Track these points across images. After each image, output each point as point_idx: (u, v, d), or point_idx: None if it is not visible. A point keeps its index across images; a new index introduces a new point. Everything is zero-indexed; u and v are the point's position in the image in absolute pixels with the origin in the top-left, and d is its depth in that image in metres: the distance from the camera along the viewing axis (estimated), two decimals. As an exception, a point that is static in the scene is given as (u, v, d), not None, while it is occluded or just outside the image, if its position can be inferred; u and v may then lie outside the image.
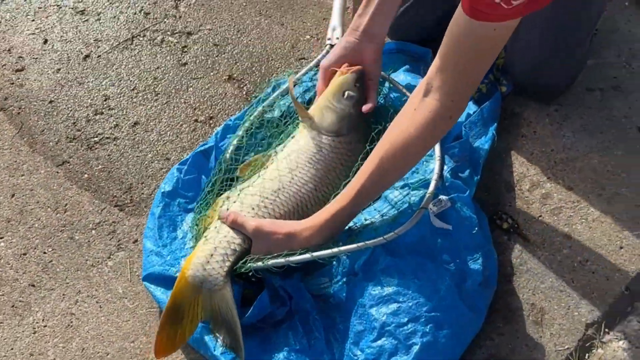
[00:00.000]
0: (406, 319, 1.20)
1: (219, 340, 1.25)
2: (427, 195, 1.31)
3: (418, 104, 1.19)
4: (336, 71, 1.44)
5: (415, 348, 1.18)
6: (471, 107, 1.54)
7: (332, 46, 1.61)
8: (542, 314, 1.35)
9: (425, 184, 1.34)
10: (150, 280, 1.35)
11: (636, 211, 1.46)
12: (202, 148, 1.50)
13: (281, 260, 1.25)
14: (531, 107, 1.62)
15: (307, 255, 1.24)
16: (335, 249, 1.24)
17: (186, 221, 1.42)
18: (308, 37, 1.78)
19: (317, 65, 1.54)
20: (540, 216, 1.46)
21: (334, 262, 1.33)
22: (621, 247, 1.42)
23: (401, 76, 1.57)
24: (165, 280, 1.34)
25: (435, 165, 1.35)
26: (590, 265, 1.40)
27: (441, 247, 1.31)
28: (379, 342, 1.20)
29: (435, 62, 1.17)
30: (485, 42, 1.11)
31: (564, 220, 1.46)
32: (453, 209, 1.33)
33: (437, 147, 1.36)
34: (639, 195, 1.48)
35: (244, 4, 1.88)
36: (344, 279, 1.29)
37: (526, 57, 1.54)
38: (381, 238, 1.24)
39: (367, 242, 1.24)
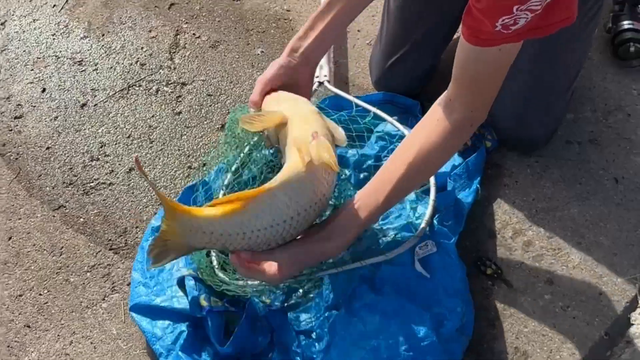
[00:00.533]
0: (385, 356, 1.24)
1: None
2: (425, 219, 1.40)
3: (440, 116, 1.26)
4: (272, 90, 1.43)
5: None
6: (456, 159, 1.61)
7: (320, 83, 1.70)
8: (525, 357, 1.40)
9: (408, 227, 1.40)
10: (136, 310, 1.39)
11: (614, 259, 1.52)
12: (191, 184, 1.55)
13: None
14: (512, 158, 1.69)
15: (302, 276, 1.32)
16: (334, 269, 1.31)
17: None
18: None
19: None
20: (522, 263, 1.52)
21: (317, 299, 1.38)
22: (600, 294, 1.47)
23: (389, 126, 1.64)
24: (151, 311, 1.38)
25: (431, 192, 1.45)
26: (571, 311, 1.45)
27: (423, 291, 1.36)
28: None
29: (452, 81, 1.25)
30: (494, 63, 1.19)
31: (545, 267, 1.51)
32: (437, 254, 1.39)
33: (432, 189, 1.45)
34: (616, 244, 1.54)
35: (237, 57, 1.95)
36: (326, 314, 1.34)
37: (508, 109, 1.62)
38: (383, 256, 1.32)
39: (367, 260, 1.32)
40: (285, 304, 1.40)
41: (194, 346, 1.33)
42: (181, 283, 1.37)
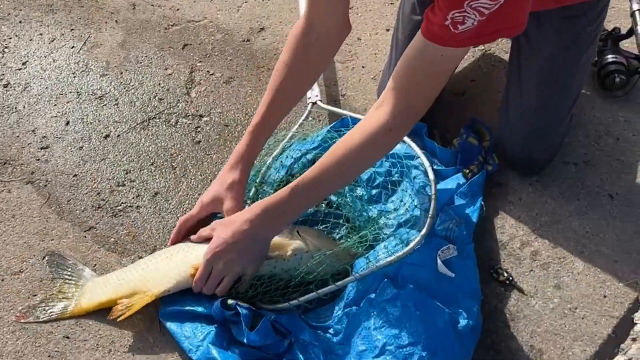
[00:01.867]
0: (406, 342, 1.35)
1: None
2: (428, 220, 1.50)
3: (369, 115, 1.38)
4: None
5: None
6: (461, 179, 1.73)
7: (313, 104, 1.87)
8: (540, 354, 1.49)
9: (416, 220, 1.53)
10: (165, 316, 1.50)
11: (614, 265, 1.63)
12: None
13: (285, 304, 1.47)
14: (515, 178, 1.81)
15: (312, 294, 1.45)
16: (340, 282, 1.46)
17: None
18: (310, 119, 1.97)
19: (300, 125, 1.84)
20: (531, 270, 1.63)
21: (336, 300, 1.49)
22: (605, 296, 1.58)
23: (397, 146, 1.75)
24: (179, 316, 1.49)
25: (431, 187, 1.58)
26: (579, 312, 1.56)
27: (442, 290, 1.47)
28: (380, 359, 1.34)
29: (390, 81, 1.36)
30: (432, 65, 1.31)
31: (552, 274, 1.62)
32: (458, 258, 1.49)
33: (432, 181, 1.59)
34: (616, 252, 1.66)
35: (250, 91, 2.07)
36: (346, 310, 1.44)
37: (516, 132, 1.75)
38: (389, 259, 1.43)
39: (377, 264, 1.44)
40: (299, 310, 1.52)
41: (221, 343, 1.44)
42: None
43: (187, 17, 2.28)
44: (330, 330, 1.44)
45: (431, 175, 1.60)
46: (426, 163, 1.65)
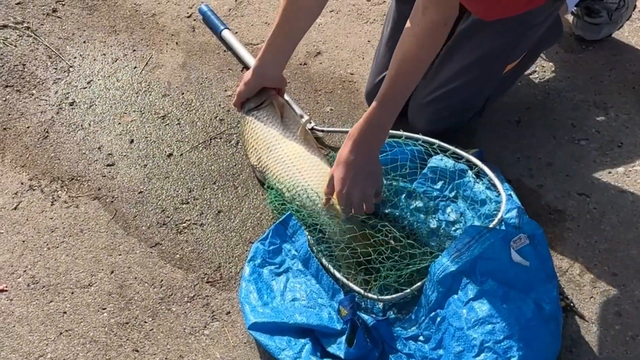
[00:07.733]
0: (502, 337, 1.39)
1: None
2: (499, 213, 1.60)
3: (419, 20, 1.55)
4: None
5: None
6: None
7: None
8: (602, 380, 1.51)
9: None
10: (255, 328, 1.52)
11: (675, 294, 1.65)
12: (281, 219, 1.71)
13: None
14: (572, 205, 1.83)
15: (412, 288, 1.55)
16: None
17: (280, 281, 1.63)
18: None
19: None
20: (592, 297, 1.65)
21: (416, 307, 1.55)
22: (666, 325, 1.60)
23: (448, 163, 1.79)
24: (269, 327, 1.51)
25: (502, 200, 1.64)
26: (640, 340, 1.57)
27: (520, 279, 1.50)
28: (481, 357, 1.37)
29: None
30: None
31: (613, 301, 1.64)
32: (529, 245, 1.52)
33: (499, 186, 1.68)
34: (676, 281, 1.68)
35: (308, 113, 2.10)
36: (431, 315, 1.49)
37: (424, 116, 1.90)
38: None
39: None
40: (386, 317, 1.56)
41: (316, 354, 1.48)
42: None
43: (245, 40, 2.33)
44: (420, 338, 1.50)
45: (490, 173, 1.73)
46: (484, 167, 1.75)
